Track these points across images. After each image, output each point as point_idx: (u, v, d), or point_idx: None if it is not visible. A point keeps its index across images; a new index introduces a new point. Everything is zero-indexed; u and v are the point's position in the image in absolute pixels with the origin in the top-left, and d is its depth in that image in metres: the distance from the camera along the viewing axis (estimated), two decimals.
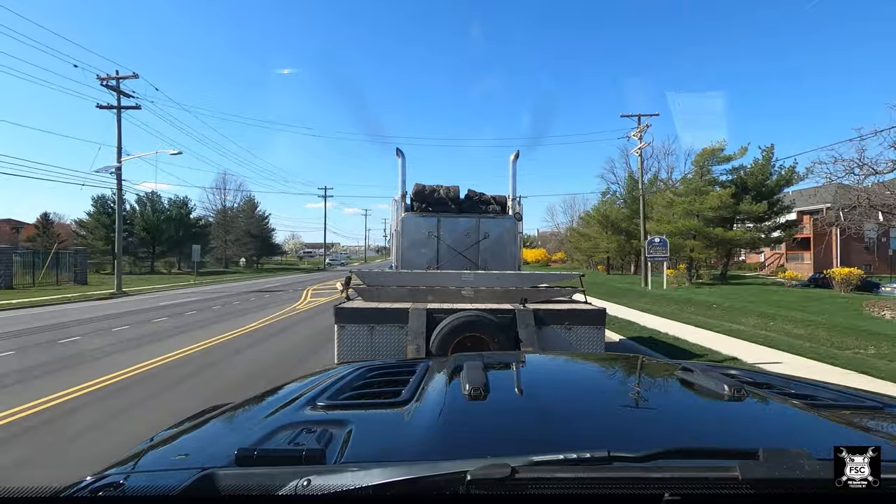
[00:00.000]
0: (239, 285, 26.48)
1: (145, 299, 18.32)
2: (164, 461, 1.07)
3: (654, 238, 22.44)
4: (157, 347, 8.49)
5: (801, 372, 6.22)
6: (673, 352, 8.39)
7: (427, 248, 6.94)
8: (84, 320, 12.22)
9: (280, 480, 0.79)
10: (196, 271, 32.07)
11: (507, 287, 5.60)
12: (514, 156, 7.62)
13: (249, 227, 52.80)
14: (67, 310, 14.76)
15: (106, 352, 8.16)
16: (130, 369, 6.83)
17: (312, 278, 33.81)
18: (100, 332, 10.27)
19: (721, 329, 10.96)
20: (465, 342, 4.65)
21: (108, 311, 14.40)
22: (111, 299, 18.57)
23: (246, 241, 52.02)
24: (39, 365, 7.13)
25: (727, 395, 1.22)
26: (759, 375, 1.67)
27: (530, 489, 0.76)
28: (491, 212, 7.27)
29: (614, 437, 1.09)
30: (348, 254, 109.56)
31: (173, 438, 1.22)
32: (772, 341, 9.40)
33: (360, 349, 4.82)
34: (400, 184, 7.30)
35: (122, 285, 21.61)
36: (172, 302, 16.92)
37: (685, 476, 0.76)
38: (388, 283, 5.81)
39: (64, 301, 17.23)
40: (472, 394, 1.24)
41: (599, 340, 4.98)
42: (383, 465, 0.82)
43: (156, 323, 11.73)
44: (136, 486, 0.88)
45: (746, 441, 1.04)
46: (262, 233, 54.77)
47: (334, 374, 1.63)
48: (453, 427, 1.11)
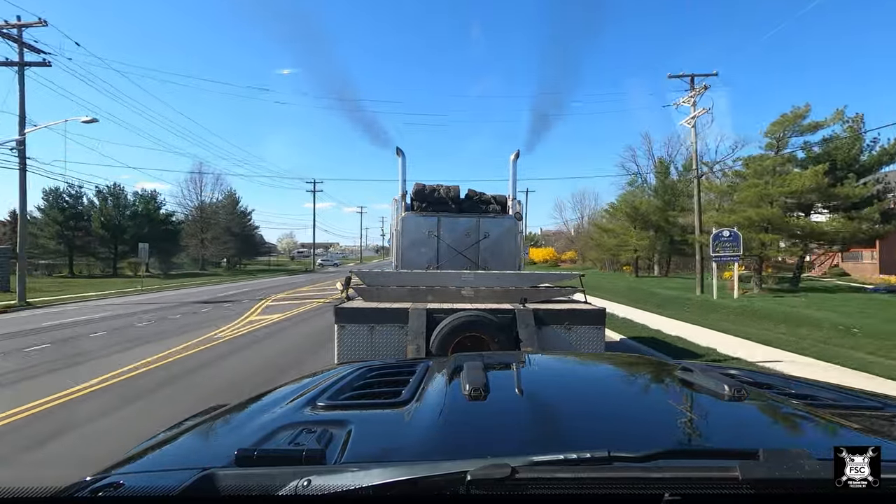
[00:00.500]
0: (194, 292, 22.17)
1: (38, 316, 13.90)
2: (164, 461, 1.06)
3: (723, 231, 16.26)
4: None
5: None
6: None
7: (427, 247, 6.90)
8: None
9: (280, 481, 0.79)
10: (144, 275, 27.94)
11: (507, 287, 5.58)
12: (515, 155, 7.52)
13: (230, 225, 48.02)
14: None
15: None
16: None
17: (290, 282, 29.52)
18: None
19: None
20: (465, 342, 4.66)
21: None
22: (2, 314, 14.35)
23: (226, 240, 47.10)
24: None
25: (727, 395, 1.21)
26: (759, 375, 1.65)
27: (530, 489, 0.76)
28: (491, 211, 7.22)
29: (614, 437, 1.08)
30: (344, 253, 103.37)
31: (173, 439, 1.21)
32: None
33: (360, 349, 4.80)
34: (400, 183, 7.24)
35: (48, 292, 17.77)
36: (54, 322, 12.32)
37: (685, 476, 0.76)
38: (387, 282, 5.77)
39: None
40: (472, 394, 1.24)
41: (599, 340, 4.98)
42: (383, 465, 0.82)
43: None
44: (135, 487, 0.88)
45: (746, 441, 1.04)
46: (243, 231, 50.08)
47: (334, 375, 1.63)
48: (453, 427, 1.11)
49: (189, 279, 32.54)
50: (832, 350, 8.58)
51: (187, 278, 33.51)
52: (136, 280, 28.76)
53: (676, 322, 12.10)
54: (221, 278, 34.55)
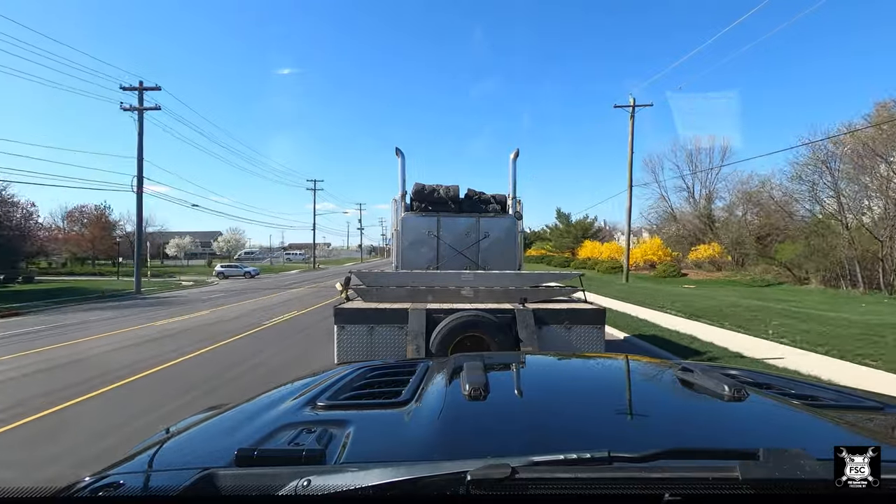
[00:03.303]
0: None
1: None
2: (163, 461, 1.06)
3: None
4: None
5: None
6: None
7: (427, 247, 6.94)
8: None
9: (280, 481, 0.79)
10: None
11: (507, 286, 5.60)
12: (514, 154, 7.53)
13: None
14: None
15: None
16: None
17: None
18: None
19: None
20: (465, 342, 4.67)
21: None
22: None
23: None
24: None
25: (727, 395, 1.22)
26: (759, 376, 1.65)
27: (530, 489, 0.76)
28: (491, 211, 7.25)
29: (614, 437, 1.09)
30: (304, 255, 76.49)
31: (173, 438, 1.21)
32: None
33: (360, 350, 4.81)
34: (400, 183, 7.27)
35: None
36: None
37: (685, 476, 0.76)
38: (387, 283, 5.78)
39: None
40: (472, 394, 1.23)
41: (599, 340, 4.99)
42: (383, 465, 0.82)
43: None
44: (136, 487, 0.88)
45: (746, 441, 1.04)
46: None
47: (334, 375, 1.62)
48: (453, 427, 1.11)
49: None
50: None
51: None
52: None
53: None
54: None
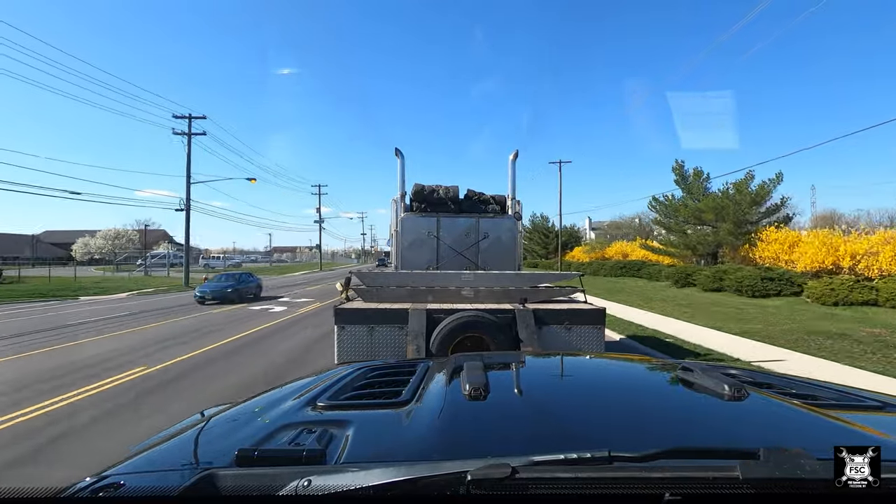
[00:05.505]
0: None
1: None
2: (164, 461, 1.06)
3: None
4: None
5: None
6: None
7: (427, 248, 6.95)
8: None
9: (280, 481, 0.79)
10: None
11: (507, 287, 5.61)
12: (514, 155, 7.53)
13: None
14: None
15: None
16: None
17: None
18: None
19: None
20: (465, 342, 4.67)
21: None
22: None
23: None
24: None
25: (728, 394, 1.22)
26: (759, 375, 1.65)
27: (531, 489, 0.76)
28: (490, 211, 7.24)
29: (615, 437, 1.08)
30: (256, 258, 74.04)
31: (173, 439, 1.21)
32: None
33: (360, 350, 4.80)
34: (399, 184, 7.25)
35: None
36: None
37: (686, 476, 0.76)
38: (387, 283, 5.81)
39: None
40: (472, 394, 1.24)
41: (599, 340, 5.00)
42: (384, 465, 0.82)
43: None
44: (136, 487, 0.88)
45: (747, 441, 1.04)
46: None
47: (334, 375, 1.62)
48: (453, 427, 1.11)
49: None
50: None
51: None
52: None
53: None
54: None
